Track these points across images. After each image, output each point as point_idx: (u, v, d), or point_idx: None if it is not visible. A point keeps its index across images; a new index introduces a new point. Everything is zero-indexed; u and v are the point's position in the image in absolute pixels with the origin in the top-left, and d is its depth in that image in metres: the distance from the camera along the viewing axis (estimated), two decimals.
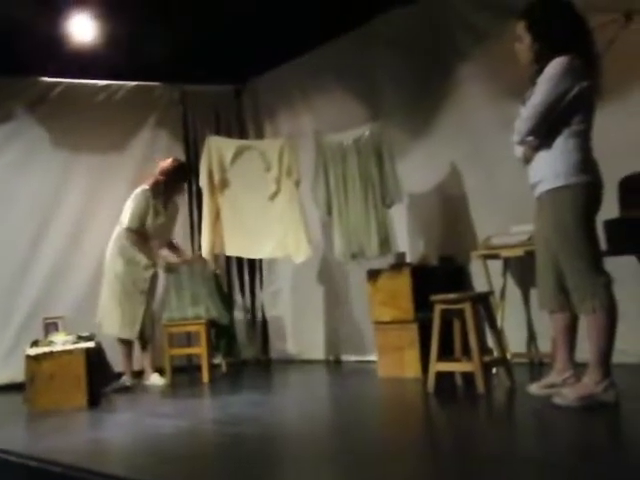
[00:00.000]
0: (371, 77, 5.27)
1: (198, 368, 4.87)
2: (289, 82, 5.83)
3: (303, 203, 5.11)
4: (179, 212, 5.21)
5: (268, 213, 5.18)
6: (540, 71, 2.77)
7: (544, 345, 4.21)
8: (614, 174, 3.36)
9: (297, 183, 5.13)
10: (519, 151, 2.93)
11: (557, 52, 2.72)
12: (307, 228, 5.12)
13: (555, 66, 2.73)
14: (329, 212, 4.81)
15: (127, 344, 4.81)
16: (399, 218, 4.84)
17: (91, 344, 4.14)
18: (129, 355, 4.81)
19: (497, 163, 4.41)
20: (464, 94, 4.76)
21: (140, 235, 4.76)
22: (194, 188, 5.76)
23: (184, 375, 5.13)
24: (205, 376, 4.74)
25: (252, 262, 6.17)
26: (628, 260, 3.52)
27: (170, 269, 5.06)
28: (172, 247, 5.17)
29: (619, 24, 3.76)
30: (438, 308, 3.49)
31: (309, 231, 5.14)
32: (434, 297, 3.52)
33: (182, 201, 5.48)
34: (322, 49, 5.50)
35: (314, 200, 4.85)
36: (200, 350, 4.82)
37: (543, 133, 2.78)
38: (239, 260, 6.12)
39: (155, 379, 4.79)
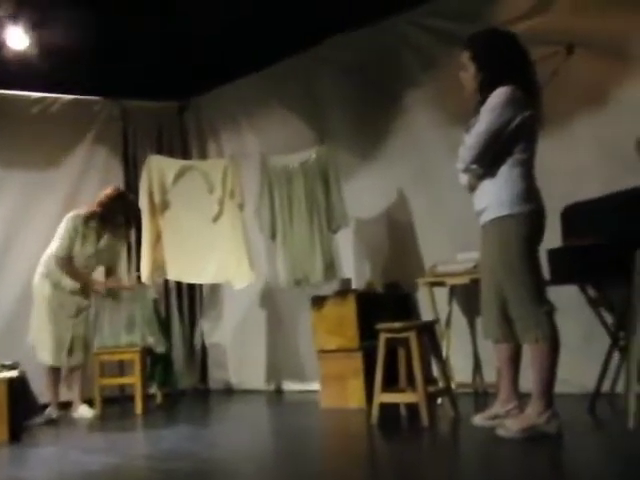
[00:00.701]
0: (318, 100, 5.35)
1: (131, 399, 4.73)
2: (234, 101, 5.85)
3: (246, 226, 5.09)
4: (123, 244, 5.13)
5: (210, 236, 5.15)
6: (484, 100, 2.87)
7: (489, 374, 4.28)
8: (557, 203, 3.49)
9: (241, 206, 5.13)
10: (464, 179, 3.01)
11: (500, 82, 2.83)
12: (250, 252, 5.11)
13: (498, 96, 2.83)
14: (273, 236, 4.81)
15: (54, 372, 4.65)
16: (345, 243, 4.90)
17: (14, 373, 3.98)
18: (56, 384, 4.65)
19: (444, 189, 4.53)
20: (411, 119, 4.88)
21: (68, 261, 4.65)
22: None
23: (116, 406, 5.01)
24: (138, 407, 4.61)
25: (192, 287, 6.10)
26: (571, 290, 3.61)
27: (106, 294, 4.91)
28: (110, 274, 5.02)
29: (561, 56, 3.97)
30: (383, 337, 3.50)
31: (252, 256, 5.13)
32: (379, 325, 3.54)
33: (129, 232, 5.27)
34: (269, 70, 5.57)
35: (258, 223, 4.85)
36: (134, 380, 4.69)
37: (487, 161, 2.86)
38: (179, 285, 6.04)
39: (84, 411, 4.63)
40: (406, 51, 4.87)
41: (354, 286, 4.72)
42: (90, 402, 4.70)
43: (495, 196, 2.84)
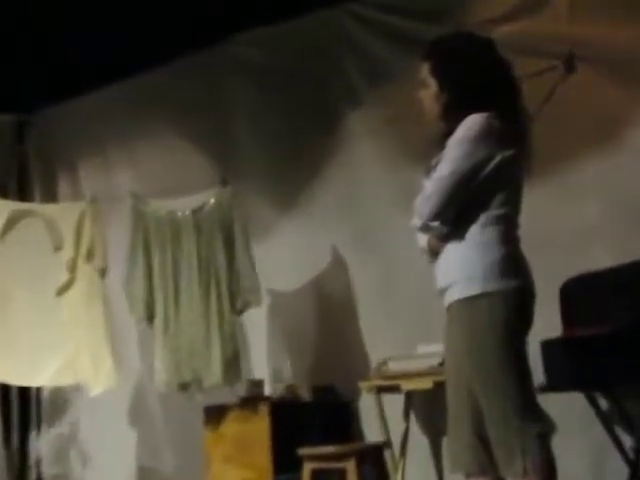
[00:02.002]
0: (222, 121, 5.38)
1: None
2: (97, 118, 5.82)
3: (110, 302, 5.04)
4: None
5: (53, 317, 5.06)
6: (450, 132, 2.88)
7: None
8: (553, 276, 3.56)
9: (102, 271, 5.09)
10: (422, 240, 3.00)
11: (472, 107, 2.83)
12: (114, 342, 5.03)
13: (469, 127, 2.85)
14: (149, 319, 4.78)
15: None
16: (256, 329, 4.89)
17: None
18: None
19: (398, 254, 4.58)
20: (354, 153, 4.94)
21: None
22: None
23: None
24: None
25: (25, 393, 5.93)
26: (574, 399, 3.68)
27: None
28: None
29: (558, 73, 4.12)
30: (309, 467, 3.53)
31: (117, 347, 5.05)
32: (303, 450, 3.56)
33: None
34: (150, 75, 5.57)
35: (127, 299, 4.79)
36: None
37: (453, 218, 2.86)
38: (4, 389, 5.84)
39: None
40: (348, 58, 4.97)
41: (268, 392, 4.69)
42: None
43: (463, 267, 2.82)
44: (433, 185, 2.90)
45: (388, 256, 4.72)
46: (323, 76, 5.08)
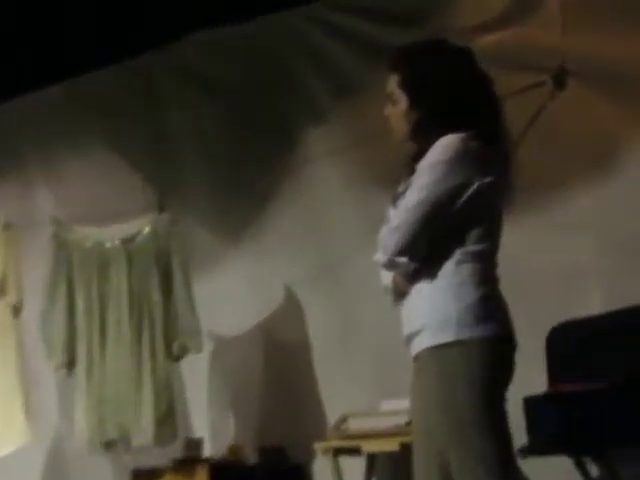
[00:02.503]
0: (160, 135, 5.36)
1: None
2: (16, 130, 5.76)
3: (24, 345, 4.97)
4: None
5: None
6: (421, 154, 2.89)
7: None
8: (536, 323, 3.60)
9: (16, 308, 5.04)
10: (387, 279, 2.99)
11: (447, 127, 2.83)
12: (28, 393, 4.95)
13: (444, 149, 2.83)
14: (70, 364, 4.73)
15: None
16: (195, 379, 4.87)
17: None
18: None
19: (360, 293, 4.59)
20: (313, 177, 4.96)
21: None
22: None
23: None
24: None
25: None
26: (561, 464, 3.66)
27: None
28: None
29: (547, 90, 4.17)
30: None
31: (31, 399, 4.96)
32: None
33: None
34: (79, 81, 5.51)
35: (44, 342, 4.75)
36: None
37: (423, 253, 2.85)
38: None
39: None
40: (308, 67, 4.98)
41: (207, 453, 4.64)
42: None
43: (434, 311, 2.78)
44: (400, 215, 2.90)
45: (350, 297, 4.73)
46: (279, 88, 5.10)
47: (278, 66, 5.11)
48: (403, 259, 2.96)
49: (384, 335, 4.24)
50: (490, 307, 2.93)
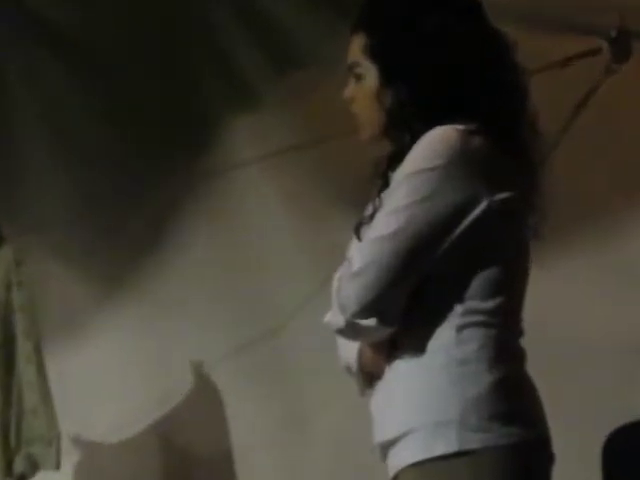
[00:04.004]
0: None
1: None
2: None
3: None
4: None
5: None
6: (399, 156, 2.78)
7: None
8: (586, 421, 3.61)
9: None
10: (347, 352, 2.80)
11: (438, 114, 2.72)
12: None
13: (434, 147, 2.78)
14: None
15: None
16: None
17: None
18: None
19: (308, 373, 4.68)
20: (235, 194, 4.90)
21: None
22: None
23: None
24: None
25: None
26: None
27: None
28: None
29: (601, 61, 4.18)
30: None
31: None
32: None
33: None
34: None
35: None
36: None
37: (400, 312, 2.81)
38: None
39: None
40: (229, 31, 4.85)
41: None
42: None
43: (424, 405, 2.72)
44: (365, 253, 2.84)
45: (292, 379, 4.62)
46: (182, 60, 4.81)
47: (180, 28, 4.85)
48: (370, 321, 2.87)
49: (344, 439, 4.23)
50: (511, 398, 2.85)
